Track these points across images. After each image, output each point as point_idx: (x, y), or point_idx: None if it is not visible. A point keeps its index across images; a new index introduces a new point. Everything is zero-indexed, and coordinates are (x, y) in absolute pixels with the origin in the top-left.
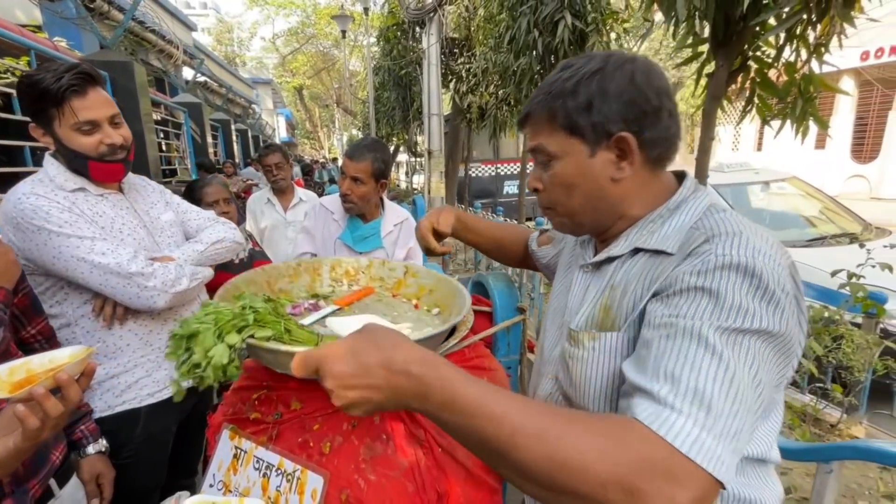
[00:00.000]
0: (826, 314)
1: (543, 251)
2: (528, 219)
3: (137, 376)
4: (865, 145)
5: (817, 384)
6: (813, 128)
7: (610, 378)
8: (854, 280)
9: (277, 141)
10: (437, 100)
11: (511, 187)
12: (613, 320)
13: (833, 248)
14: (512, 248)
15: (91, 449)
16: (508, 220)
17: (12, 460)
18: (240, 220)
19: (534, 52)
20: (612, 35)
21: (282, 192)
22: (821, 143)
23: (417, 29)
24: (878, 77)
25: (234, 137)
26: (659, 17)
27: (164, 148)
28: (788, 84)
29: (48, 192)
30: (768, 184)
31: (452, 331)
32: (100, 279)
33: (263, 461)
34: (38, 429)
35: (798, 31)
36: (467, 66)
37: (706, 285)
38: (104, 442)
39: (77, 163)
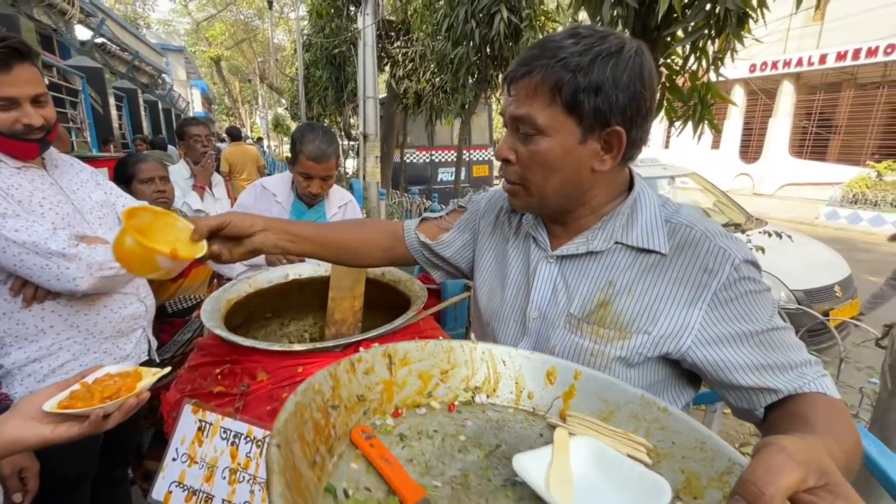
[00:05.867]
0: None
1: (444, 242)
2: None
3: (62, 360)
4: (750, 148)
5: None
6: (708, 130)
7: (650, 376)
8: None
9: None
10: (373, 82)
11: (445, 174)
12: (615, 316)
13: None
14: (366, 248)
15: None
16: (442, 206)
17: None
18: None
19: (471, 42)
20: (544, 33)
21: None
22: (716, 144)
23: (352, 8)
24: (762, 87)
25: (142, 109)
26: (584, 18)
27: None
28: (691, 90)
29: None
30: (674, 178)
31: (407, 305)
32: (14, 259)
33: (231, 430)
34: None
35: (700, 45)
36: (404, 50)
37: (754, 288)
38: None
39: None
